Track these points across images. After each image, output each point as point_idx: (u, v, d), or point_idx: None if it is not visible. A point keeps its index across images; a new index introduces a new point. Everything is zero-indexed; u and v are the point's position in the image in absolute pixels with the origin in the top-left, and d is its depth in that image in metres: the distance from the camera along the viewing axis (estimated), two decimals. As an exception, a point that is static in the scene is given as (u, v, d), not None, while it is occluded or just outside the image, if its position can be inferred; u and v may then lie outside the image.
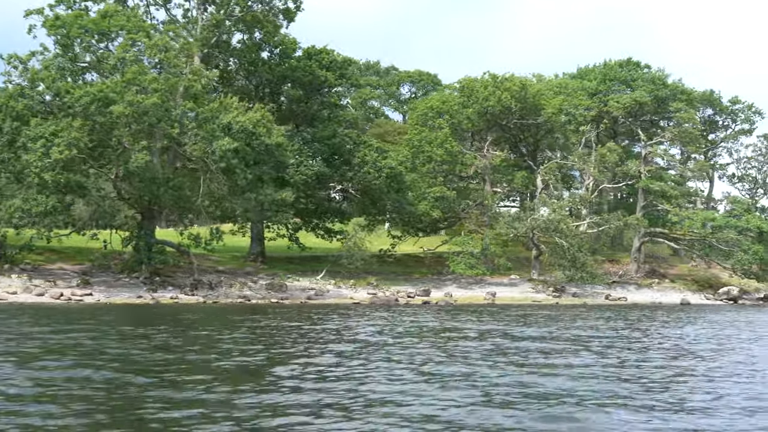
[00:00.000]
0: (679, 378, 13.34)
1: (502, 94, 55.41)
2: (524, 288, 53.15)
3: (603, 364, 14.84)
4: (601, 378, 12.78)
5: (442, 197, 52.87)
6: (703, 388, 12.06)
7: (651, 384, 12.35)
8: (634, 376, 13.31)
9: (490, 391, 11.09)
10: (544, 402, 10.28)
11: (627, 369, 14.27)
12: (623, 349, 17.97)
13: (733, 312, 40.99)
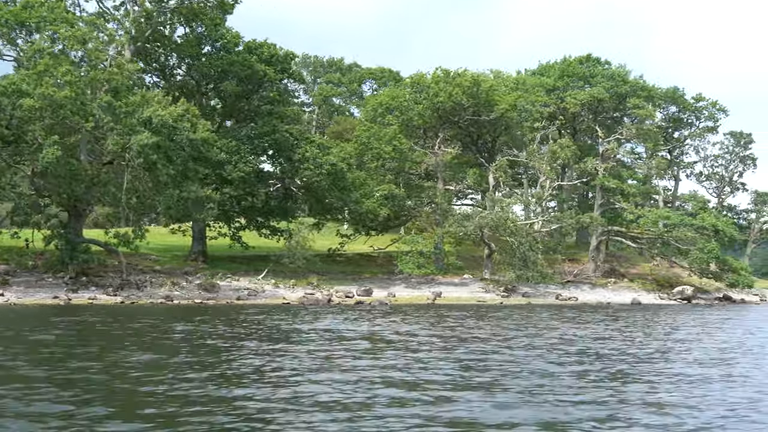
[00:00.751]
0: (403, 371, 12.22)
1: (453, 89, 54.26)
2: (474, 288, 52.02)
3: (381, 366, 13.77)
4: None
5: (390, 195, 51.67)
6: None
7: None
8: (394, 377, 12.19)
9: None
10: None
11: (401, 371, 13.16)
12: (435, 350, 17.06)
13: (674, 312, 39.97)
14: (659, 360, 16.63)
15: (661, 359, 16.77)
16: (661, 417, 10.06)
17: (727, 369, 15.28)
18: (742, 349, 19.79)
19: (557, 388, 12.08)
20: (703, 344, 20.82)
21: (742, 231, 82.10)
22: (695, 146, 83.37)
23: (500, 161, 53.62)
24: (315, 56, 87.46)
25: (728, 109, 75.28)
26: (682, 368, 15.17)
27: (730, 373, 14.65)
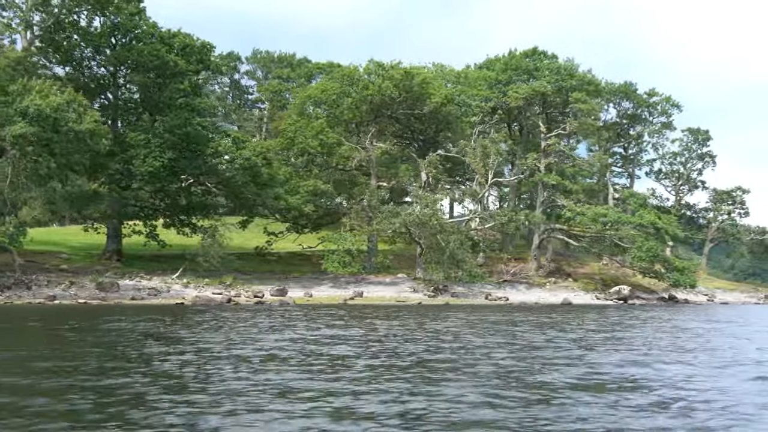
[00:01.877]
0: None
1: (383, 82, 52.47)
2: (403, 288, 50.20)
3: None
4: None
5: (316, 191, 49.83)
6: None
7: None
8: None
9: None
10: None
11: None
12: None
13: (594, 313, 38.15)
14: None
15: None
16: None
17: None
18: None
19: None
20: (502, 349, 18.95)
21: (700, 230, 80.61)
22: (654, 143, 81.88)
23: (431, 157, 51.80)
24: (266, 51, 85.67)
25: (682, 105, 73.74)
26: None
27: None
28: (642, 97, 73.38)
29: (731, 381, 12.34)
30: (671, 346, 18.28)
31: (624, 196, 55.54)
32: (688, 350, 17.45)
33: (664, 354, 16.41)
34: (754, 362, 15.18)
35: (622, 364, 14.29)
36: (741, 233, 78.07)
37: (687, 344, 19.07)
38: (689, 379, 12.38)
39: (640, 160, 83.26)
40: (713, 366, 14.34)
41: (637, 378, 12.41)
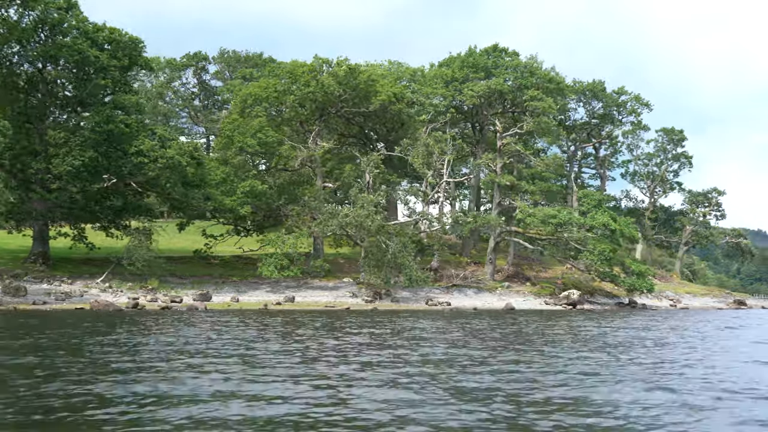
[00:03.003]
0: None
1: (326, 79, 50.64)
2: (343, 292, 48.26)
3: None
4: None
5: (253, 192, 47.96)
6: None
7: None
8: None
9: None
10: None
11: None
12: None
13: (522, 318, 36.08)
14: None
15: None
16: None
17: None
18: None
19: None
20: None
21: (675, 233, 78.36)
22: (628, 144, 79.74)
23: (371, 156, 49.84)
24: (233, 51, 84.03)
25: (652, 103, 71.57)
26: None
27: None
28: (611, 95, 71.25)
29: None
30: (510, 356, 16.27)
31: (578, 197, 53.33)
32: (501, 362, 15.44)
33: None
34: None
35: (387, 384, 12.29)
36: (715, 236, 75.62)
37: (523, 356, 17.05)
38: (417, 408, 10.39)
39: (614, 162, 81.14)
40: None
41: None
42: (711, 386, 12.41)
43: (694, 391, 11.89)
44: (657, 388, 12.19)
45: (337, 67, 51.53)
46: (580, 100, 73.73)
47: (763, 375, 14.47)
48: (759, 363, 16.63)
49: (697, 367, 15.33)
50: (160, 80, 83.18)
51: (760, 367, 15.84)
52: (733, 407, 10.48)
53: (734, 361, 16.78)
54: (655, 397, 11.20)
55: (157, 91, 80.00)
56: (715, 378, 13.54)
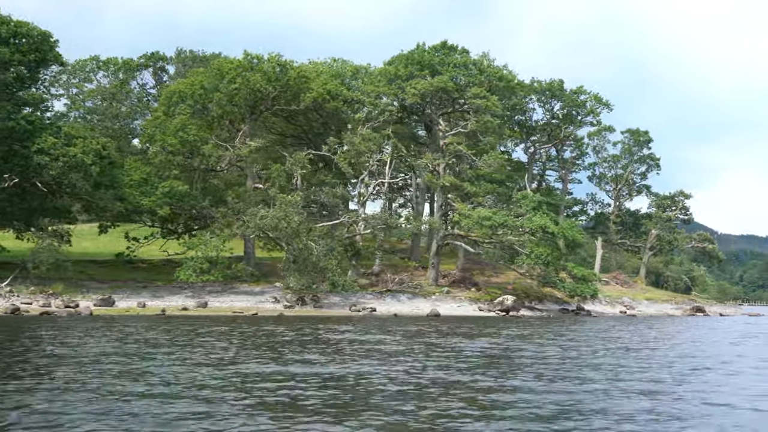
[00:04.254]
0: None
1: (253, 76, 48.62)
2: (267, 297, 46.17)
3: None
4: None
5: (172, 193, 45.94)
6: None
7: None
8: None
9: None
10: None
11: None
12: None
13: (426, 325, 33.88)
14: None
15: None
16: None
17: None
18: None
19: None
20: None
21: (639, 237, 76.03)
22: (594, 146, 77.45)
23: (296, 155, 47.72)
24: (190, 51, 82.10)
25: (612, 103, 69.32)
26: None
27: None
28: (569, 95, 69.00)
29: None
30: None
31: (517, 198, 51.07)
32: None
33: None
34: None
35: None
36: (679, 240, 73.07)
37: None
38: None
39: (580, 164, 78.85)
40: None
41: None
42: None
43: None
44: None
45: (266, 64, 49.48)
46: (541, 100, 71.51)
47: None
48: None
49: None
50: (116, 81, 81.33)
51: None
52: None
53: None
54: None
55: (110, 92, 78.05)
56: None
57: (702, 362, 18.65)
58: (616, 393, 12.63)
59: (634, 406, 11.39)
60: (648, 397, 12.31)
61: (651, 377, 15.08)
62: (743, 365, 18.21)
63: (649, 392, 12.85)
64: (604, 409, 10.96)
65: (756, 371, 17.05)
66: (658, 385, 13.82)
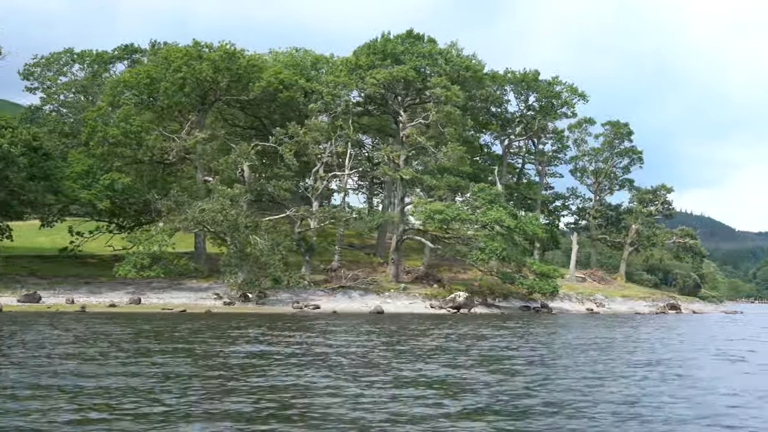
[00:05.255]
0: None
1: (200, 64, 47.06)
2: (210, 294, 44.58)
3: None
4: None
5: (113, 185, 44.48)
6: None
7: None
8: None
9: None
10: None
11: None
12: None
13: (366, 324, 32.19)
14: None
15: None
16: None
17: None
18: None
19: None
20: None
21: (618, 233, 73.86)
22: (575, 139, 75.26)
23: (241, 147, 46.07)
24: (165, 42, 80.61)
25: (588, 95, 67.13)
26: None
27: None
28: (544, 86, 66.82)
29: None
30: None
31: (474, 191, 49.07)
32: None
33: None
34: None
35: None
36: (658, 236, 70.64)
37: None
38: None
39: (562, 158, 76.69)
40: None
41: None
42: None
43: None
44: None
45: (214, 52, 47.89)
46: (516, 91, 69.40)
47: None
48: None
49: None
50: (89, 74, 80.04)
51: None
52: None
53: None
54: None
55: (82, 85, 76.80)
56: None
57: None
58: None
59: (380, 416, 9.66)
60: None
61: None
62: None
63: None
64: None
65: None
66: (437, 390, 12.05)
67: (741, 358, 20.29)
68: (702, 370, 16.71)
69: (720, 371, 16.82)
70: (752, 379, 15.77)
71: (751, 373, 16.93)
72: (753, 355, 21.15)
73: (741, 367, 18.01)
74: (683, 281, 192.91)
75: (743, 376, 16.29)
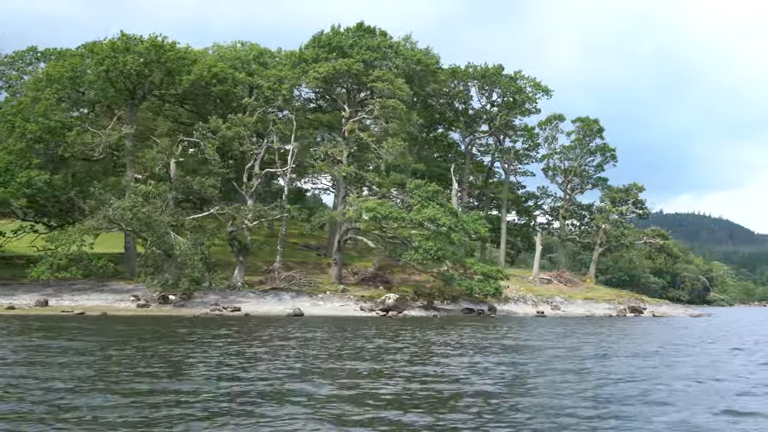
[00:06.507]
0: None
1: (125, 57, 45.24)
2: (129, 296, 42.67)
3: None
4: None
5: (30, 182, 42.68)
6: None
7: None
8: None
9: None
10: None
11: None
12: None
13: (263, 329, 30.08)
14: None
15: None
16: None
17: None
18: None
19: None
20: None
21: (588, 233, 71.26)
22: (546, 136, 72.82)
23: (163, 142, 44.15)
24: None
25: (552, 90, 64.70)
26: None
27: None
28: (506, 81, 64.39)
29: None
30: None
31: (410, 188, 46.82)
32: None
33: None
34: None
35: None
36: (626, 235, 67.82)
37: None
38: None
39: (534, 155, 74.25)
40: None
41: None
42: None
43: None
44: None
45: (141, 45, 46.06)
46: (483, 87, 67.09)
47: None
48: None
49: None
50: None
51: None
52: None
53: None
54: None
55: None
56: None
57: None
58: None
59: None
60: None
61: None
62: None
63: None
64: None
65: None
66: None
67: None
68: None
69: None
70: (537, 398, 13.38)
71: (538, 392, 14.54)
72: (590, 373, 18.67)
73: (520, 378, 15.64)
74: (692, 284, 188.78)
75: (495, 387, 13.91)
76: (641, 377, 14.84)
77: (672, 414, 10.58)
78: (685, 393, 12.75)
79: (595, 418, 10.05)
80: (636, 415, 10.37)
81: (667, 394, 12.57)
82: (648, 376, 15.14)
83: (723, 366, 17.65)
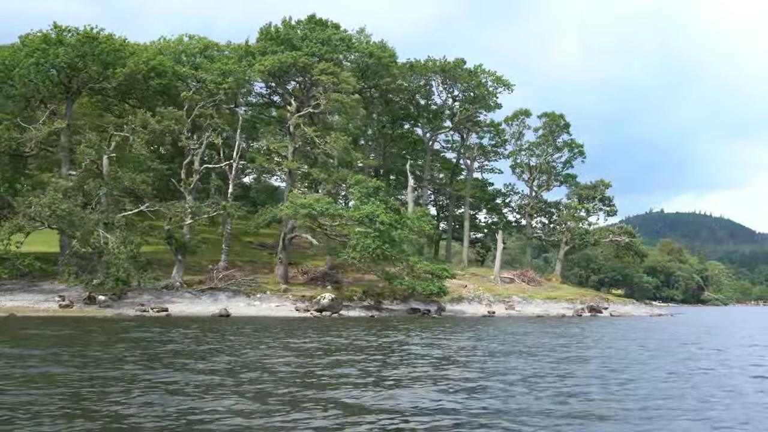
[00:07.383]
0: None
1: (56, 49, 43.77)
2: (55, 296, 41.16)
3: None
4: None
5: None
6: None
7: None
8: None
9: None
10: None
11: None
12: None
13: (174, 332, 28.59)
14: None
15: None
16: None
17: None
18: None
19: None
20: None
21: (554, 231, 69.74)
22: (512, 132, 71.30)
23: (89, 137, 42.59)
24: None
25: (513, 84, 63.18)
26: None
27: None
28: (467, 75, 62.85)
29: None
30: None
31: (349, 184, 45.30)
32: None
33: None
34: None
35: None
36: (590, 233, 66.30)
37: None
38: None
39: (502, 152, 72.76)
40: None
41: None
42: None
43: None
44: None
45: (73, 37, 44.56)
46: (445, 82, 65.59)
47: None
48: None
49: None
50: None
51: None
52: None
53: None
54: None
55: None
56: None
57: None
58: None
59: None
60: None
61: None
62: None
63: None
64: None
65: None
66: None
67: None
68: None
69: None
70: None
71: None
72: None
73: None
74: (686, 284, 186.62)
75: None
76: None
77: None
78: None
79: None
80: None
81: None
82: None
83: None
